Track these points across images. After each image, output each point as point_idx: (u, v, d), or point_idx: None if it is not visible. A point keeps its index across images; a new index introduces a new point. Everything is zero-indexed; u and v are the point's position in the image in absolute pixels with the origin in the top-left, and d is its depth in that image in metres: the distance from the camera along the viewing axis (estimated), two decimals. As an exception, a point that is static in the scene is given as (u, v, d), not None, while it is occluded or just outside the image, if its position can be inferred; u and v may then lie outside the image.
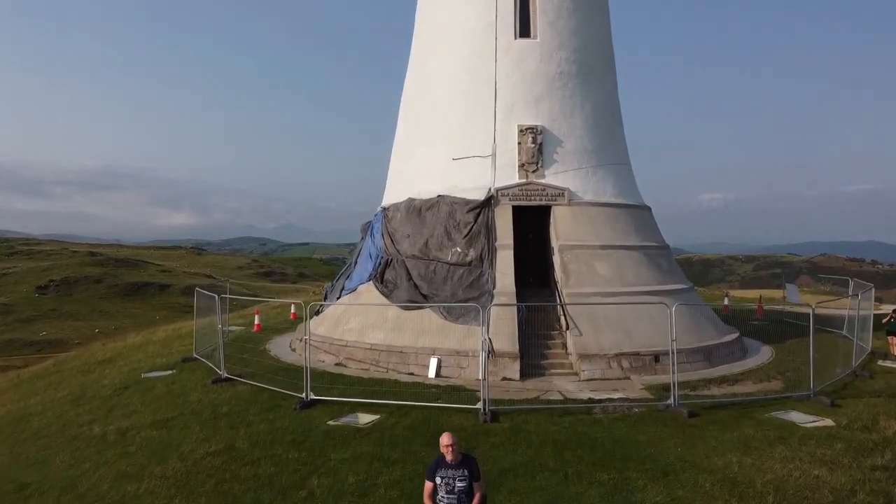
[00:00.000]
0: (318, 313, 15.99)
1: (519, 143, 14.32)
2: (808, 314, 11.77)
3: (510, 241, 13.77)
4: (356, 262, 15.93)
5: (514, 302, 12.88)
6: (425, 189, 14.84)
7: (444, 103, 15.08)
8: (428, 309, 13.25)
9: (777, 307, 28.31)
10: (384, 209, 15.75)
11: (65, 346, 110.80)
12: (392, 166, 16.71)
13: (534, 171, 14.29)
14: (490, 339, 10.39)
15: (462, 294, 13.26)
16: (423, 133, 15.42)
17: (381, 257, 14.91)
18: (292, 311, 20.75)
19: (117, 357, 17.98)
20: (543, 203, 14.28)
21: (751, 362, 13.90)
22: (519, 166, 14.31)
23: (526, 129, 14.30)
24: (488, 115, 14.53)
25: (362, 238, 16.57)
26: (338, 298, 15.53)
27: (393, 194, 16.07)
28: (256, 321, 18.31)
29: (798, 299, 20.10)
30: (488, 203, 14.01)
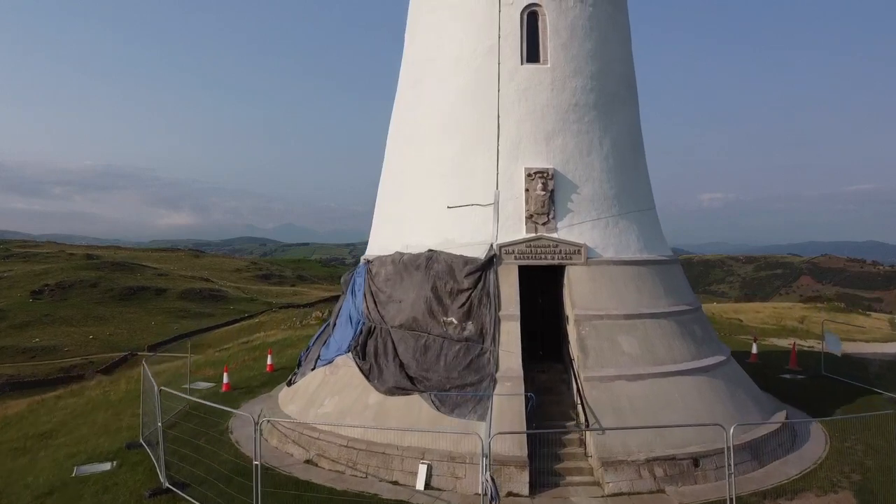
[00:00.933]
0: (290, 383, 13.68)
1: (526, 190, 11.94)
2: (846, 357, 9.40)
3: (516, 310, 11.42)
4: (334, 325, 13.58)
5: (522, 390, 10.56)
6: (415, 241, 12.49)
7: (437, 140, 12.70)
8: (417, 395, 10.94)
9: (803, 343, 25.98)
10: (368, 262, 13.40)
11: (57, 353, 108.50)
12: (378, 209, 14.35)
13: (544, 224, 11.91)
14: (493, 481, 8.05)
15: (458, 378, 10.93)
16: (413, 174, 13.04)
17: (363, 323, 12.57)
18: (269, 361, 18.44)
19: (61, 428, 15.63)
20: (556, 262, 11.91)
21: (806, 454, 11.56)
22: (527, 217, 11.94)
23: (535, 173, 11.93)
24: (490, 155, 12.16)
25: (343, 293, 14.21)
26: (312, 369, 13.18)
27: (378, 244, 13.72)
28: (225, 380, 16.05)
29: (840, 350, 17.76)
30: (490, 263, 11.66)
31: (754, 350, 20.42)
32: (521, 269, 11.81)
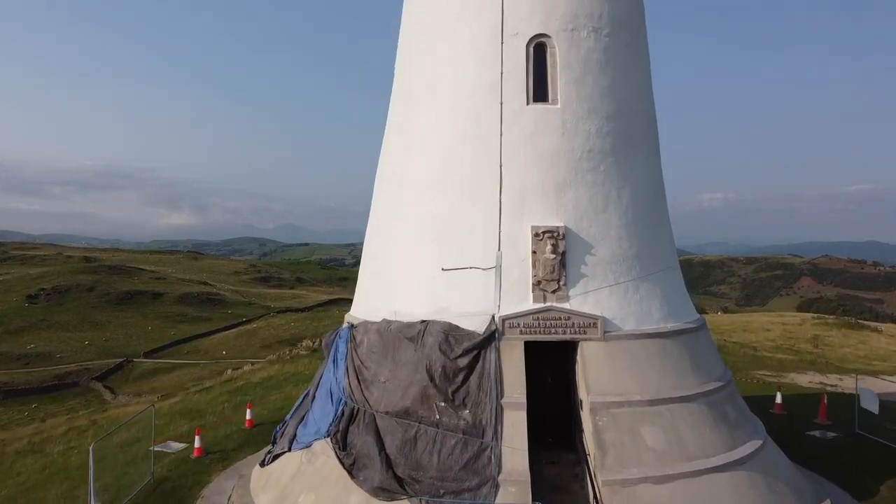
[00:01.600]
0: (263, 463, 12.04)
1: (534, 252, 10.28)
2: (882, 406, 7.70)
3: (522, 396, 9.76)
4: (314, 398, 11.92)
5: (529, 499, 8.91)
6: (404, 308, 10.83)
7: (430, 191, 11.01)
8: (406, 501, 9.32)
9: (826, 380, 24.34)
10: (351, 327, 11.73)
11: (52, 360, 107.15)
12: (364, 264, 12.66)
13: (554, 292, 10.24)
14: None
15: (454, 481, 9.29)
16: (403, 229, 11.34)
17: (345, 403, 10.93)
18: (248, 416, 16.82)
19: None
20: (568, 337, 10.26)
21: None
22: (534, 284, 10.27)
23: (543, 233, 10.26)
24: (491, 211, 10.49)
25: (324, 358, 12.54)
26: (288, 450, 11.53)
27: (364, 304, 12.05)
28: (197, 443, 14.44)
29: (877, 408, 16.10)
30: (491, 339, 10.00)
31: (778, 400, 18.75)
32: (528, 345, 10.15)
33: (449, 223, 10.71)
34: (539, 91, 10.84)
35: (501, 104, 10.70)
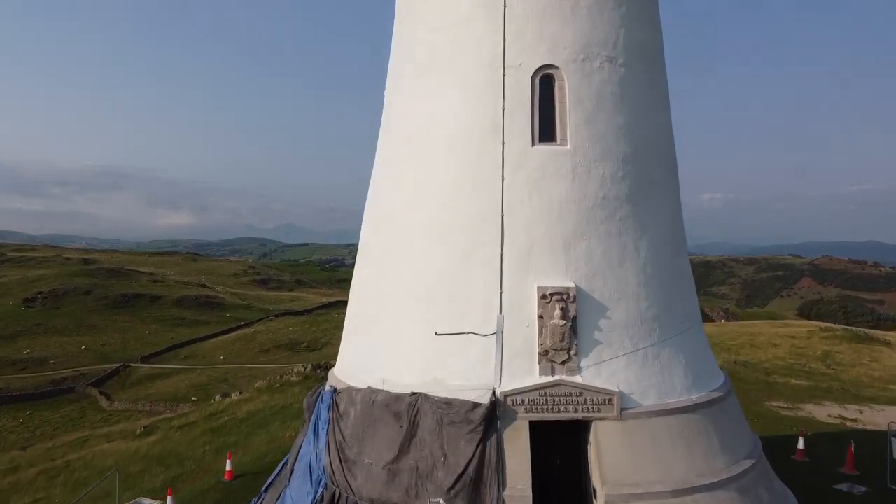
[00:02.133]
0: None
1: (540, 317, 8.98)
2: None
3: (527, 487, 8.46)
4: (292, 471, 10.62)
5: None
6: (393, 376, 9.53)
7: (421, 240, 9.70)
8: None
9: (845, 412, 23.01)
10: (334, 392, 10.43)
11: (48, 365, 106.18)
12: (350, 317, 11.31)
13: (564, 363, 8.94)
14: None
15: (448, 592, 8.04)
16: (392, 286, 10.02)
17: (324, 484, 9.64)
18: (228, 467, 15.53)
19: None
20: (580, 416, 8.96)
21: None
22: (540, 354, 8.97)
23: (551, 295, 8.95)
24: (491, 268, 9.18)
25: (304, 422, 11.22)
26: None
27: (348, 366, 10.73)
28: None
29: (911, 460, 14.80)
30: (492, 420, 8.71)
31: (801, 445, 17.43)
32: (534, 425, 8.86)
33: (443, 280, 9.39)
34: (546, 130, 9.52)
35: (503, 145, 9.39)
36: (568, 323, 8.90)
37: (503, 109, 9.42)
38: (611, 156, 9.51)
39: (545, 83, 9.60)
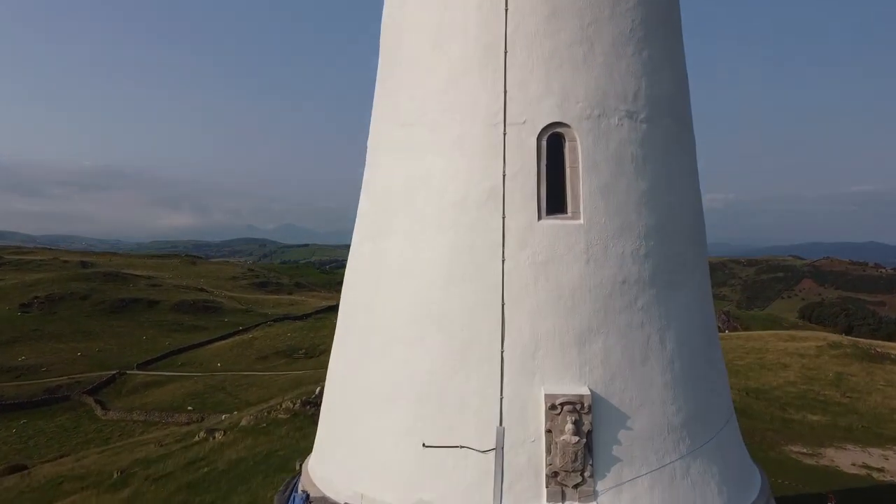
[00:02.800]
0: None
1: (548, 431, 7.50)
2: None
3: None
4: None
5: None
6: (373, 492, 8.02)
7: (407, 332, 8.23)
8: None
9: (869, 457, 21.57)
10: (307, 499, 8.95)
11: (43, 373, 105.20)
12: (326, 408, 9.78)
13: (577, 486, 7.46)
14: None
15: None
16: (373, 379, 8.53)
17: None
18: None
19: None
20: (596, 553, 7.50)
21: None
22: (548, 476, 7.47)
23: (562, 405, 7.47)
24: (489, 370, 7.69)
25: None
26: None
27: (324, 467, 9.24)
28: None
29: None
30: (489, 558, 7.27)
31: (830, 508, 15.95)
32: (540, 561, 7.40)
33: (432, 382, 7.90)
34: (555, 201, 8.03)
35: (504, 219, 7.90)
36: (582, 439, 7.42)
37: (504, 176, 7.94)
38: (631, 231, 8.02)
39: (554, 144, 8.11)
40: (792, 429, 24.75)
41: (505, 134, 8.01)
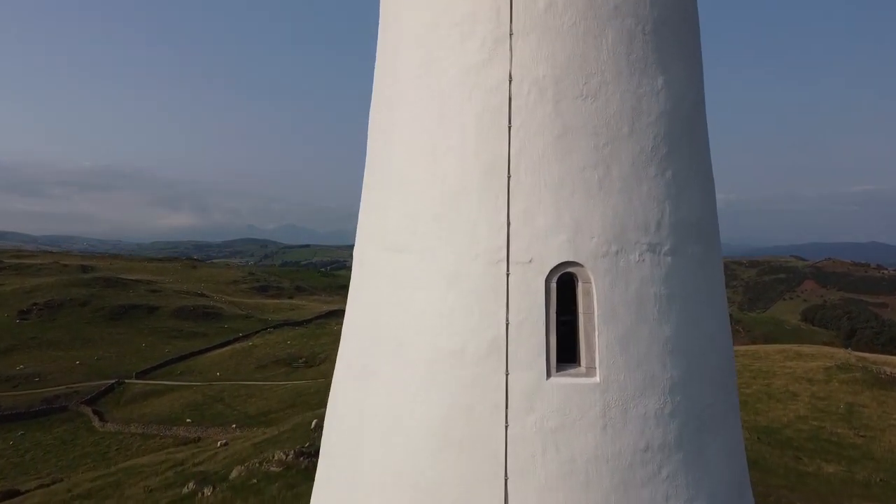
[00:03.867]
0: None
1: None
2: None
3: None
4: None
5: None
6: None
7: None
8: None
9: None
10: None
11: (41, 382, 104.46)
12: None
13: None
14: None
15: None
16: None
17: None
18: None
19: None
20: None
21: None
22: None
23: None
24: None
25: None
26: None
27: None
28: None
29: None
30: None
31: None
32: None
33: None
34: (566, 353, 6.96)
35: (507, 375, 6.82)
36: None
37: (507, 325, 6.85)
38: (656, 388, 6.93)
39: (565, 288, 7.01)
40: (807, 484, 23.66)
41: (507, 275, 6.92)
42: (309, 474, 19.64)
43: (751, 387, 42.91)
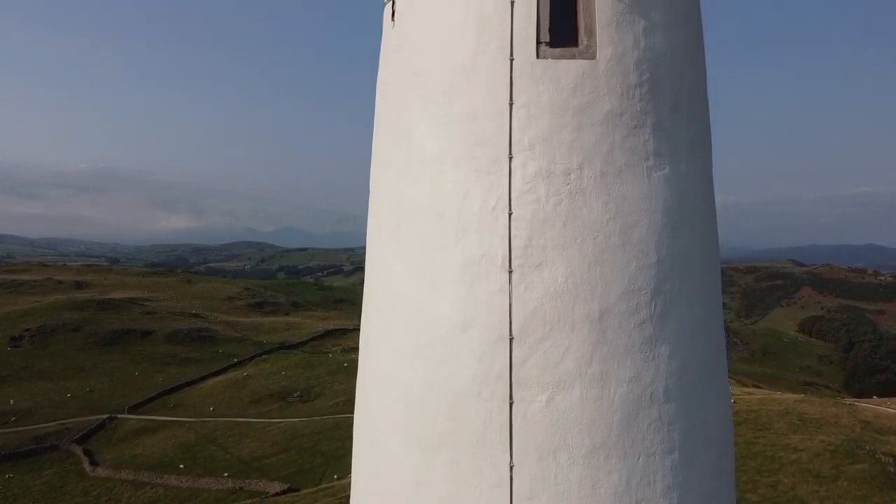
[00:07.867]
0: None
1: None
2: None
3: None
4: None
5: None
6: None
7: None
8: None
9: None
10: None
11: (32, 418, 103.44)
12: None
13: None
14: None
15: None
16: None
17: None
18: None
19: None
20: None
21: None
22: None
23: None
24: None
25: None
26: None
27: None
28: None
29: None
30: None
31: None
32: None
33: None
34: None
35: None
36: None
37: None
38: None
39: None
40: None
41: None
42: None
43: (752, 446, 41.19)
